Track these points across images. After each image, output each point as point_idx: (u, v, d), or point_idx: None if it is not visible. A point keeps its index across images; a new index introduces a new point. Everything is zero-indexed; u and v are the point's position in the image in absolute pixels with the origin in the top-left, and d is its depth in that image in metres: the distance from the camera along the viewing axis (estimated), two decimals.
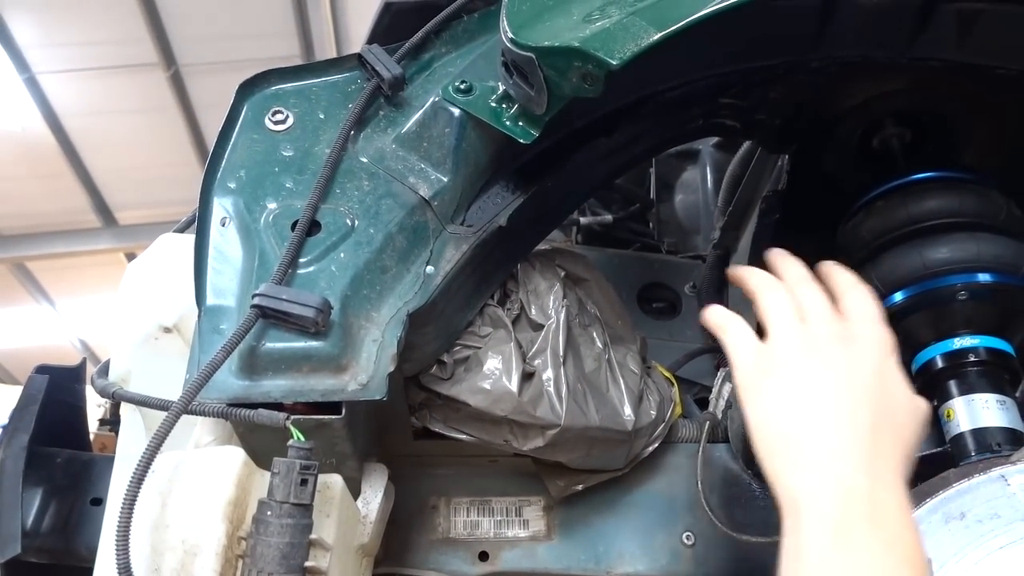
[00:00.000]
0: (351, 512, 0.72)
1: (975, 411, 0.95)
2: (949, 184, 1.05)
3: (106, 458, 0.95)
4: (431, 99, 0.80)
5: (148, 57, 5.73)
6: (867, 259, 1.05)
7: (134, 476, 0.59)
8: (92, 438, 1.08)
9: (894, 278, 1.02)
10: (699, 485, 1.01)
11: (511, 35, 0.71)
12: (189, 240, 0.77)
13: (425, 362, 0.83)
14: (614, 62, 0.64)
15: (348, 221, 0.75)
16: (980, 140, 1.14)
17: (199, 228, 0.75)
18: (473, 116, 0.78)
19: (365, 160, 0.80)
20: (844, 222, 1.12)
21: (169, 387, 0.75)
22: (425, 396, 0.87)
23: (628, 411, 0.92)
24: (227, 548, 0.57)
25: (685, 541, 0.99)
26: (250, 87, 0.83)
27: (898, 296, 1.02)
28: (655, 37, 0.65)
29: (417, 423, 0.91)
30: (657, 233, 1.54)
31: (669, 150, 1.64)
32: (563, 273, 0.95)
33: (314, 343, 0.68)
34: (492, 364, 0.82)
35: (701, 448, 0.99)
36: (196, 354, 0.70)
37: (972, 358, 0.98)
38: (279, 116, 0.82)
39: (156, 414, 0.69)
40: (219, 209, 0.76)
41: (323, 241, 0.74)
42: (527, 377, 0.83)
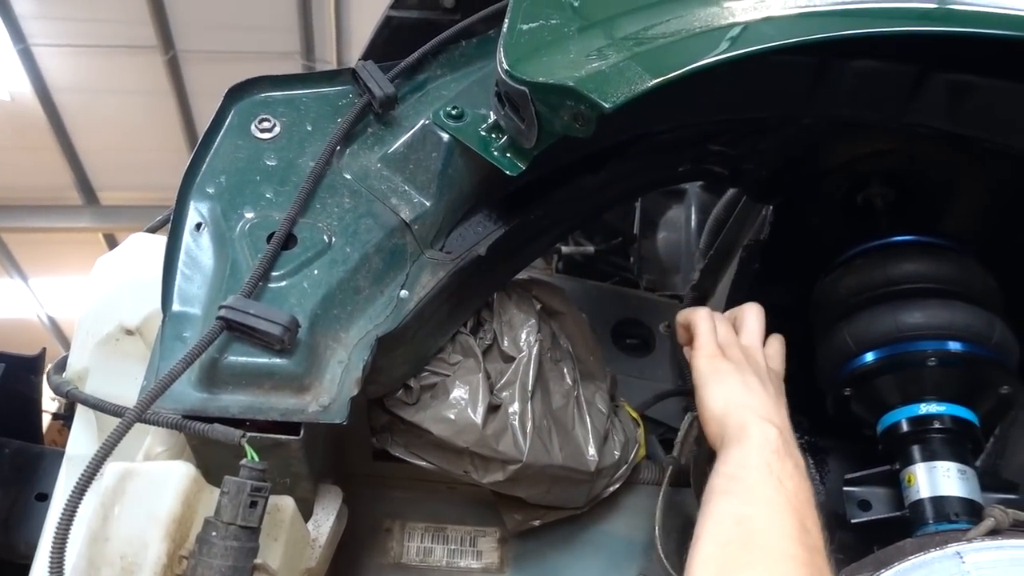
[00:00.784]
0: (300, 535, 0.70)
1: (936, 479, 0.95)
2: (929, 249, 1.06)
3: (56, 452, 0.92)
4: (421, 122, 0.79)
5: (147, 39, 5.68)
6: (842, 315, 1.06)
7: (78, 484, 0.57)
8: (45, 430, 1.05)
9: (867, 338, 1.02)
10: (656, 530, 1.00)
11: (507, 67, 0.71)
12: (161, 241, 0.76)
13: (391, 385, 0.82)
14: (607, 105, 0.64)
15: (325, 238, 0.74)
16: (963, 206, 1.15)
17: (172, 231, 0.73)
18: (461, 143, 0.77)
19: (349, 177, 0.79)
20: (822, 277, 1.12)
21: (126, 389, 0.73)
22: (388, 419, 0.86)
23: (592, 451, 0.91)
24: (167, 568, 0.56)
25: None
26: (239, 92, 0.82)
27: (869, 356, 1.02)
28: (649, 84, 0.65)
29: (377, 445, 0.90)
30: (637, 269, 1.54)
31: None
32: (539, 306, 0.94)
33: (278, 360, 0.67)
34: (458, 393, 0.81)
35: (662, 492, 0.99)
36: (156, 361, 0.68)
37: (937, 425, 0.98)
38: (266, 124, 0.81)
39: (110, 416, 0.67)
40: (195, 213, 0.75)
41: (298, 256, 0.72)
42: (493, 409, 0.82)
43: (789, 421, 0.86)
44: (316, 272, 0.72)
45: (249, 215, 0.75)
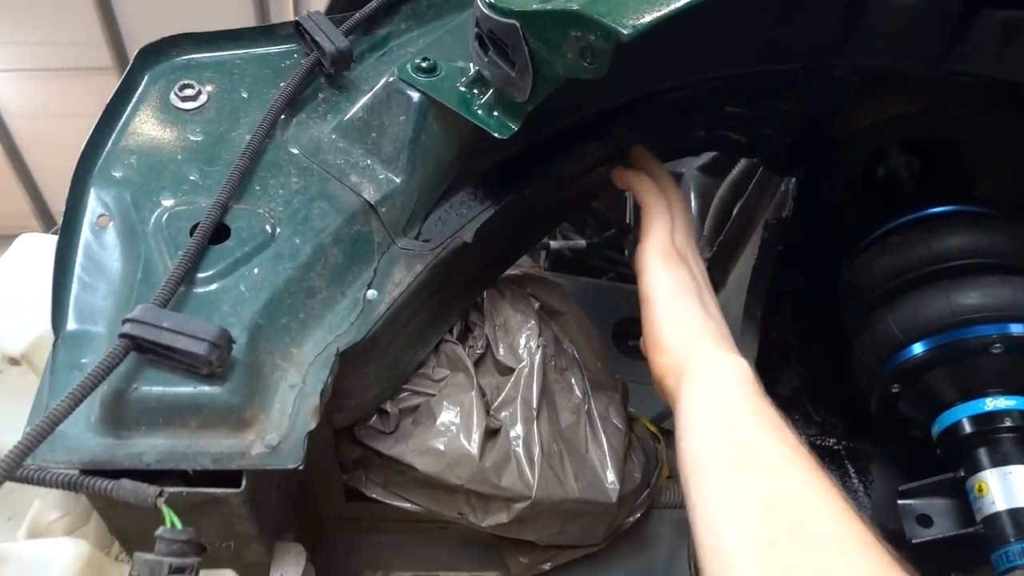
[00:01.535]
0: None
1: (1013, 487, 0.81)
2: (974, 219, 0.92)
3: None
4: (384, 79, 0.63)
5: (102, 61, 5.49)
6: (882, 301, 0.91)
7: None
8: None
9: (916, 325, 0.87)
10: (688, 562, 0.84)
11: None
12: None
13: (362, 411, 0.66)
14: (625, 31, 0.48)
15: (268, 227, 0.58)
16: (995, 171, 1.02)
17: (64, 228, 0.56)
18: (436, 102, 0.62)
19: (296, 151, 0.63)
20: (851, 258, 0.98)
21: (14, 436, 0.56)
22: (361, 453, 0.69)
23: (612, 477, 0.75)
24: None
25: None
26: (154, 54, 0.65)
27: (919, 347, 0.88)
28: (682, 2, 0.49)
29: (349, 484, 0.73)
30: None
31: None
32: (537, 304, 0.78)
33: (207, 389, 0.50)
34: (448, 417, 0.65)
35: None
36: (44, 397, 0.51)
37: (1007, 423, 0.84)
38: (189, 92, 0.64)
39: None
40: (96, 204, 0.58)
41: (232, 251, 0.56)
42: (491, 434, 0.66)
43: None
44: (256, 271, 0.56)
45: (167, 203, 0.58)
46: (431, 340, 0.69)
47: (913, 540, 0.88)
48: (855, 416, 1.11)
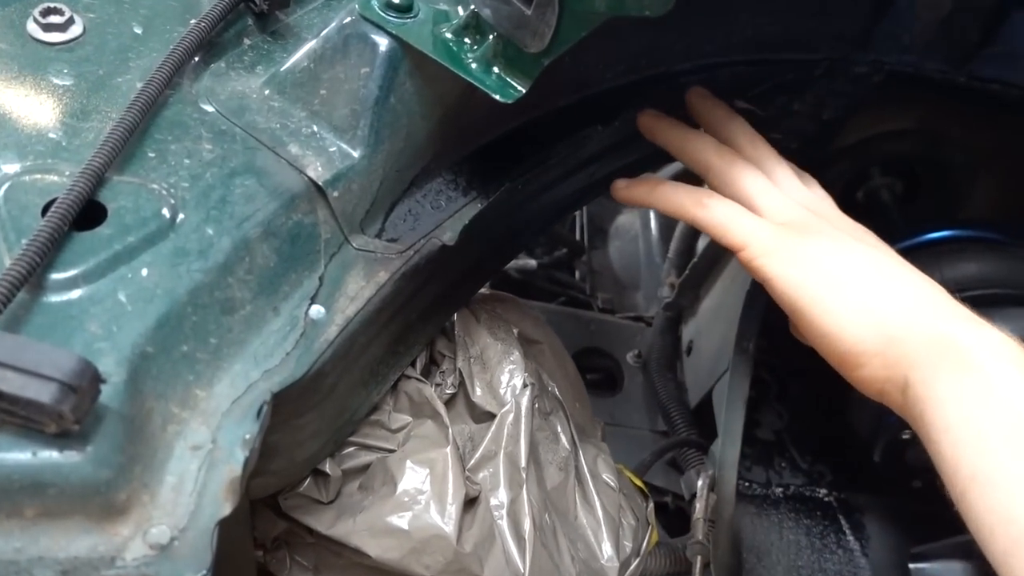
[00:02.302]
0: None
1: None
2: (987, 245, 0.83)
3: None
4: (340, 18, 0.46)
5: None
6: None
7: None
8: None
9: None
10: None
11: None
12: None
13: (291, 476, 0.47)
14: None
15: (165, 210, 0.39)
16: (983, 195, 0.95)
17: None
18: (413, 52, 0.45)
19: (211, 109, 0.44)
20: None
21: None
22: (286, 528, 0.51)
23: (608, 550, 0.59)
24: None
25: None
26: None
27: None
28: None
29: (268, 568, 0.54)
30: (589, 286, 1.25)
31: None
32: (516, 331, 0.62)
33: (55, 456, 0.31)
34: (413, 482, 0.47)
35: None
36: None
37: None
38: (56, 19, 0.45)
39: None
40: None
41: (108, 242, 0.37)
42: (467, 505, 0.49)
43: None
44: (146, 273, 0.37)
45: (11, 168, 0.39)
46: (388, 376, 0.51)
47: None
48: (843, 463, 1.00)
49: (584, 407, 0.74)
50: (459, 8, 0.47)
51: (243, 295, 0.39)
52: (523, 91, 0.44)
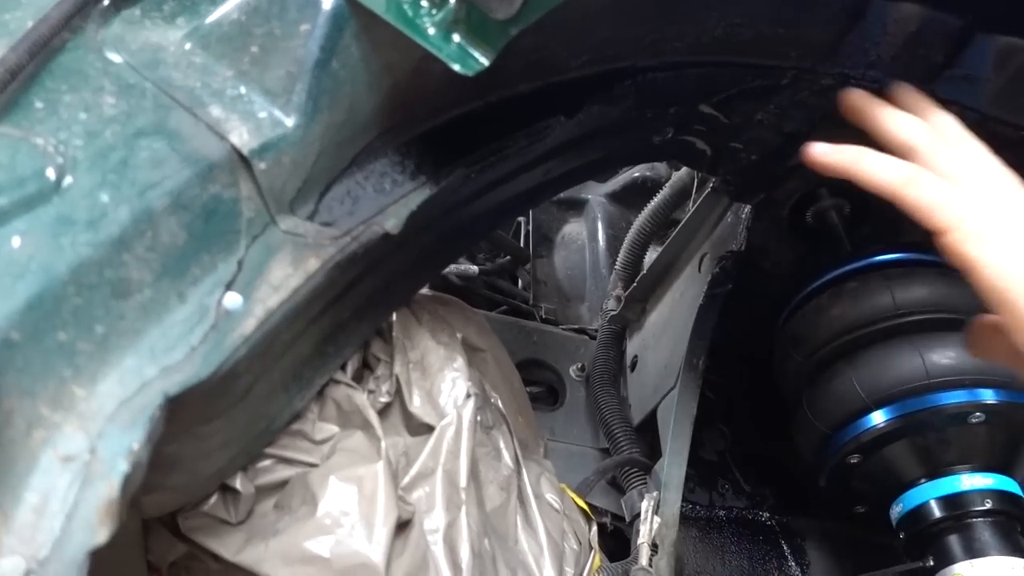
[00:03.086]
0: None
1: None
2: (934, 269, 0.82)
3: None
4: None
5: None
6: (838, 355, 0.79)
7: None
8: None
9: (883, 385, 0.75)
10: None
11: None
12: None
13: (194, 493, 0.41)
14: None
15: (50, 169, 0.33)
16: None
17: None
18: (362, 11, 0.39)
19: (118, 59, 0.38)
20: (793, 307, 0.86)
21: None
22: (186, 552, 0.44)
23: None
24: None
25: None
26: None
27: (883, 414, 0.75)
28: None
29: None
30: (532, 296, 1.21)
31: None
32: (460, 336, 0.57)
33: None
34: (337, 502, 0.41)
35: None
36: None
37: (986, 505, 0.72)
38: None
39: None
40: None
41: None
42: (400, 529, 0.43)
43: None
44: (18, 242, 0.30)
45: None
46: (314, 380, 0.45)
47: None
48: (786, 486, 0.98)
49: (528, 422, 0.69)
50: None
51: (142, 276, 0.33)
52: (486, 63, 0.39)
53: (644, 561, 0.69)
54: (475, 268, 1.19)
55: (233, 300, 0.36)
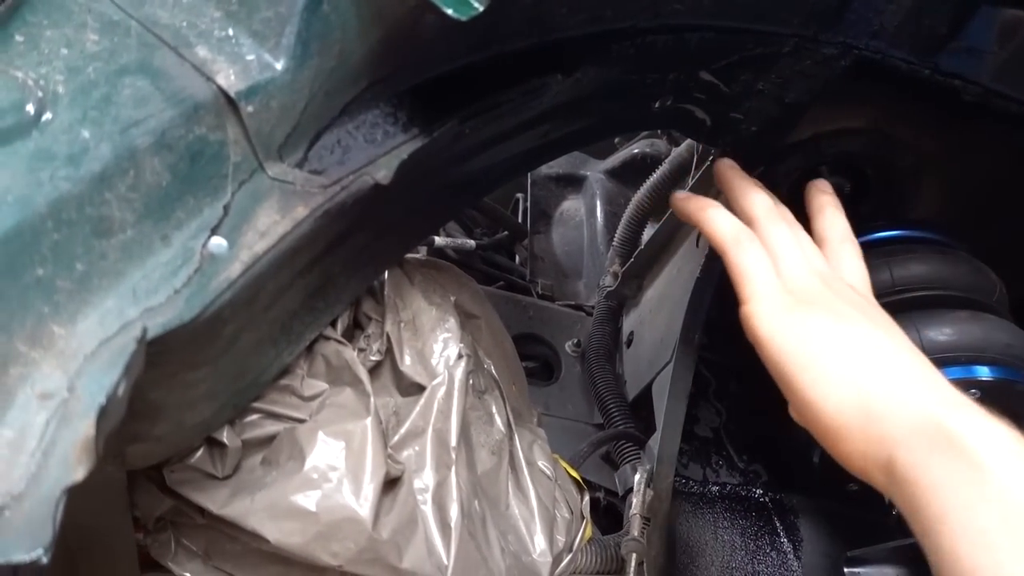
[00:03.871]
0: None
1: None
2: (933, 247, 0.81)
3: None
4: None
5: None
6: None
7: None
8: None
9: None
10: None
11: None
12: None
13: (179, 444, 0.40)
14: None
15: (30, 104, 0.32)
16: (927, 202, 0.94)
17: None
18: None
19: None
20: None
21: None
22: (172, 507, 0.43)
23: (542, 543, 0.54)
24: None
25: None
26: None
27: None
28: None
29: (151, 554, 0.46)
30: (529, 271, 1.20)
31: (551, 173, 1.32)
32: (453, 298, 0.56)
33: None
34: (325, 457, 0.41)
35: None
36: None
37: None
38: None
39: None
40: None
41: None
42: (388, 486, 0.43)
43: None
44: None
45: None
46: (304, 335, 0.44)
47: None
48: (780, 463, 0.97)
49: (521, 390, 0.68)
50: None
51: (124, 216, 0.32)
52: (480, 8, 0.38)
53: (636, 532, 0.69)
54: (472, 243, 1.18)
55: (218, 244, 0.35)
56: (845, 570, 0.77)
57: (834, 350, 0.43)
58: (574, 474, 0.70)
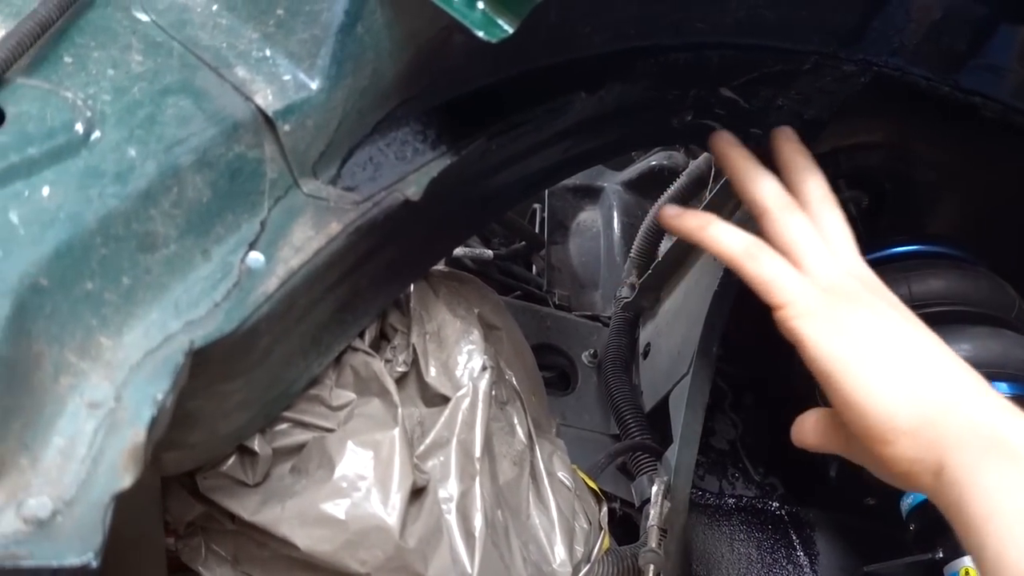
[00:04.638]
0: None
1: None
2: (951, 262, 0.81)
3: None
4: None
5: None
6: None
7: None
8: None
9: None
10: None
11: None
12: None
13: (212, 452, 0.41)
14: None
15: (80, 123, 0.33)
16: (945, 217, 0.94)
17: None
18: None
19: (145, 18, 0.38)
20: None
21: None
22: (203, 512, 0.44)
23: (561, 554, 0.54)
24: None
25: None
26: None
27: None
28: None
29: (182, 558, 0.47)
30: (546, 282, 1.21)
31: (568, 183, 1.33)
32: (476, 311, 0.57)
33: None
34: (354, 466, 0.42)
35: None
36: None
37: None
38: None
39: None
40: None
41: (3, 151, 0.31)
42: (414, 495, 0.44)
43: None
44: (47, 192, 0.31)
45: None
46: (333, 347, 0.45)
47: None
48: (796, 476, 0.98)
49: (540, 401, 0.69)
50: None
51: (167, 231, 0.33)
52: (510, 31, 0.39)
53: (653, 544, 0.69)
54: (490, 253, 1.19)
55: (255, 259, 0.36)
56: None
57: (882, 352, 0.41)
58: (592, 485, 0.71)
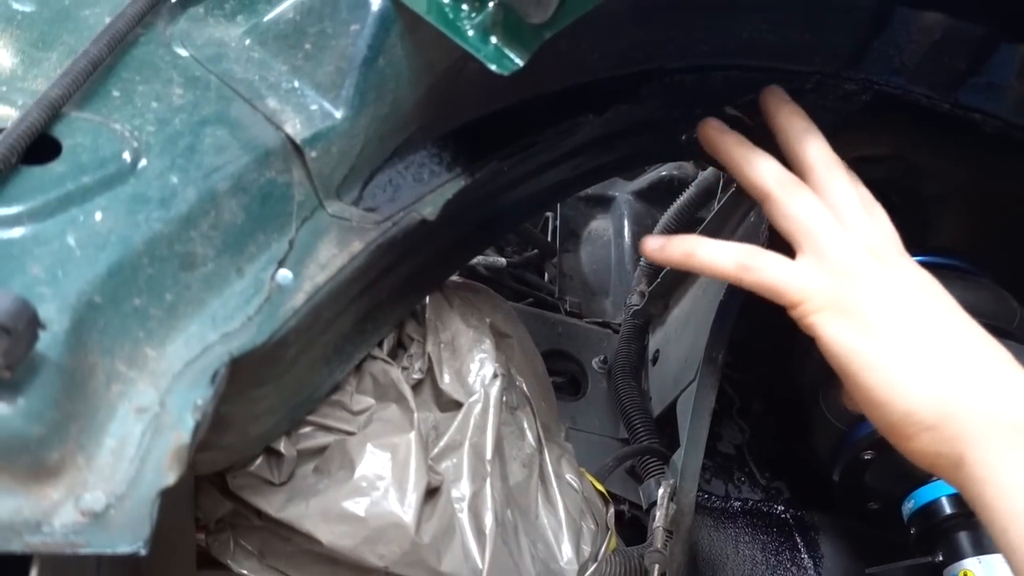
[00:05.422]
0: None
1: None
2: (957, 274, 0.83)
3: None
4: None
5: None
6: None
7: None
8: None
9: None
10: None
11: None
12: None
13: (242, 452, 0.44)
14: None
15: (127, 153, 0.36)
16: (948, 230, 0.95)
17: None
18: (407, 13, 0.43)
19: (185, 53, 0.41)
20: None
21: None
22: (232, 509, 0.48)
23: (568, 552, 0.57)
24: None
25: None
26: None
27: None
28: None
29: (211, 552, 0.50)
30: (558, 289, 1.23)
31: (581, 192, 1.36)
32: (488, 320, 0.60)
33: None
34: (373, 467, 0.45)
35: None
36: None
37: None
38: None
39: None
40: None
41: (60, 180, 0.34)
42: (429, 495, 0.47)
43: None
44: (100, 217, 0.34)
45: None
46: (353, 355, 0.48)
47: None
48: (801, 481, 1.00)
49: (550, 406, 0.72)
50: None
51: (205, 251, 0.37)
52: (521, 64, 0.41)
53: (659, 545, 0.72)
54: (503, 260, 1.22)
55: (284, 276, 0.39)
56: None
57: (898, 341, 0.40)
58: (600, 487, 0.73)
